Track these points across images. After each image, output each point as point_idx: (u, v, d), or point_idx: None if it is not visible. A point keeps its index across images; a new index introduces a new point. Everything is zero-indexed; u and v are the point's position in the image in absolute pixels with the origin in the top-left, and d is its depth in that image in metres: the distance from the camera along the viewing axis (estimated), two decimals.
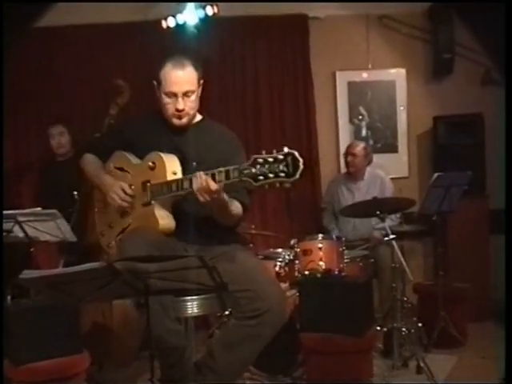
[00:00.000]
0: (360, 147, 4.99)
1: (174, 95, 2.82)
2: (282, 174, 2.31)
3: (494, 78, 5.47)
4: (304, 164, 2.30)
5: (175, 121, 2.88)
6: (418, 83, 5.67)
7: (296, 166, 2.30)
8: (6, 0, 3.62)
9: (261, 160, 2.36)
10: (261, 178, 2.35)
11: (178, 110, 2.84)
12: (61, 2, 4.97)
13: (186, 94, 2.83)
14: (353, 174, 5.05)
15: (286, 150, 2.33)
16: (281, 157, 2.32)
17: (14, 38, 4.79)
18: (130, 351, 4.13)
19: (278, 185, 2.34)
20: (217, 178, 2.53)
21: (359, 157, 4.96)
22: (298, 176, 2.30)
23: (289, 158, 2.31)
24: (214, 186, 2.54)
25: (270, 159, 2.34)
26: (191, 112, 2.89)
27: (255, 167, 2.37)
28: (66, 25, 5.15)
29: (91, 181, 3.15)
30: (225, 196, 2.66)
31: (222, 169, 2.52)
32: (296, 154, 2.31)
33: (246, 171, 2.40)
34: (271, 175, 2.33)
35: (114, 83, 4.52)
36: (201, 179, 2.55)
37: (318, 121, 5.54)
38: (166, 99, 2.85)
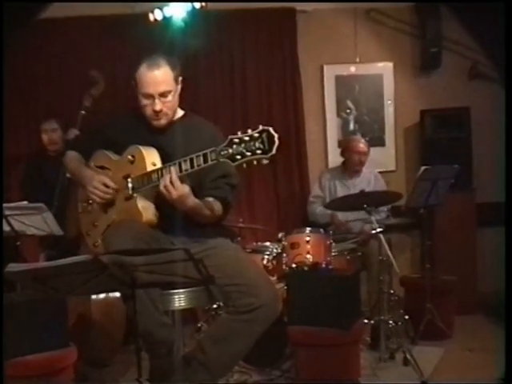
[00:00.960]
0: (363, 143, 4.93)
1: (151, 96, 2.81)
2: (259, 151, 2.33)
3: (481, 71, 5.50)
4: (279, 139, 2.31)
5: (155, 123, 2.88)
6: (405, 77, 5.68)
7: (272, 142, 2.31)
8: (6, 0, 3.60)
9: (237, 140, 2.37)
10: (238, 157, 2.37)
11: (155, 112, 2.83)
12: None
13: (162, 95, 2.81)
14: (348, 170, 5.01)
15: (260, 127, 2.35)
16: (256, 134, 2.34)
17: (10, 31, 4.78)
18: (111, 345, 4.11)
19: (255, 162, 2.35)
20: (195, 162, 2.55)
21: (367, 154, 4.93)
22: (274, 151, 2.31)
23: (264, 135, 2.33)
24: (179, 191, 2.59)
25: (246, 138, 2.35)
26: (169, 112, 2.88)
27: (232, 147, 2.38)
28: (53, 17, 5.09)
29: (73, 177, 3.14)
30: (193, 200, 2.69)
31: (199, 153, 2.53)
32: (271, 130, 2.33)
33: (223, 152, 2.41)
34: (248, 153, 2.34)
35: (88, 74, 4.47)
36: (166, 180, 2.59)
37: (305, 114, 5.54)
38: (144, 100, 2.84)
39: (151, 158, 2.80)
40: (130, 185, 2.84)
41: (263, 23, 5.48)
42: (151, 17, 5.02)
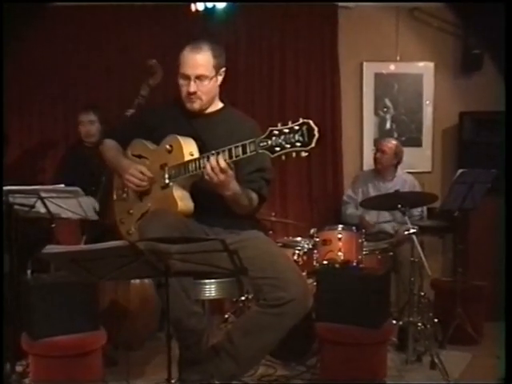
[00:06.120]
0: (391, 144, 4.89)
1: (187, 78, 2.85)
2: (298, 144, 2.33)
3: None
4: (319, 132, 2.31)
5: (188, 105, 2.92)
6: (445, 78, 5.60)
7: (311, 135, 2.32)
8: (6, 0, 3.64)
9: (276, 132, 2.38)
10: (277, 149, 2.38)
11: (189, 93, 2.86)
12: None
13: (198, 78, 2.84)
14: (381, 173, 4.96)
15: (300, 120, 2.35)
16: (296, 127, 2.34)
17: (41, 17, 4.84)
18: (144, 332, 4.16)
19: (294, 155, 2.36)
20: (234, 153, 2.55)
21: (388, 154, 4.87)
22: (313, 144, 2.31)
23: (304, 128, 2.33)
24: (227, 173, 2.59)
25: (286, 130, 2.36)
26: (204, 97, 2.90)
27: (271, 139, 2.39)
28: (95, 5, 5.13)
29: (110, 165, 3.17)
30: (235, 185, 2.70)
31: (238, 144, 2.54)
32: (311, 122, 2.33)
33: (262, 144, 2.42)
34: (287, 146, 2.35)
35: (146, 64, 4.39)
36: (213, 162, 2.60)
37: (342, 111, 5.51)
38: (181, 81, 2.89)
39: (189, 148, 2.82)
40: (166, 174, 2.86)
41: (304, 18, 5.43)
42: (193, 7, 5.02)
